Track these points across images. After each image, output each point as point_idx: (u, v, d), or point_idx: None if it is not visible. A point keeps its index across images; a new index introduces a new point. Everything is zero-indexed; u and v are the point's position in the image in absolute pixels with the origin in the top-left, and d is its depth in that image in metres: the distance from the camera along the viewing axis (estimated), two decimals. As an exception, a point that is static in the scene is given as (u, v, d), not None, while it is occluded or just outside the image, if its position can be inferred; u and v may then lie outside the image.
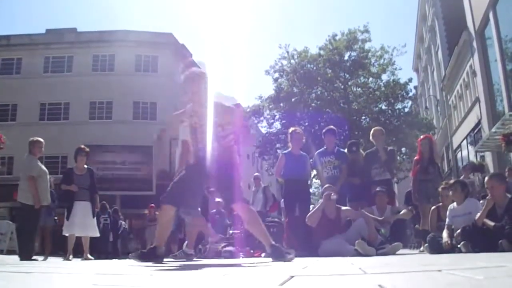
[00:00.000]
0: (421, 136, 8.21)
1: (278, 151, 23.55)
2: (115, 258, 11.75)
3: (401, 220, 7.15)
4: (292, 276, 1.79)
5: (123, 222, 14.39)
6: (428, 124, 23.88)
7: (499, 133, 12.39)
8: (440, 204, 6.25)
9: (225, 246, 6.97)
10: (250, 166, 41.87)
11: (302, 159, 7.28)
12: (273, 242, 4.09)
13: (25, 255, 6.81)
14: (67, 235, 7.58)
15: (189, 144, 4.02)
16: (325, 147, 7.62)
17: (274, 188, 18.40)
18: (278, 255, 3.92)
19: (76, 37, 28.90)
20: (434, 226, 6.14)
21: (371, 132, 7.73)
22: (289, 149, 7.41)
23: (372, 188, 7.08)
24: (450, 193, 5.86)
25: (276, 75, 25.70)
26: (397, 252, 5.79)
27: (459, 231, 5.23)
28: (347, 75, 25.13)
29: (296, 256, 5.15)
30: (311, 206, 7.31)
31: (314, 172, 9.53)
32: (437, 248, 5.44)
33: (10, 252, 10.50)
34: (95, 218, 7.84)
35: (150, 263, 3.56)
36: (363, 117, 24.99)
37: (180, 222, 8.18)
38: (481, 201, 5.90)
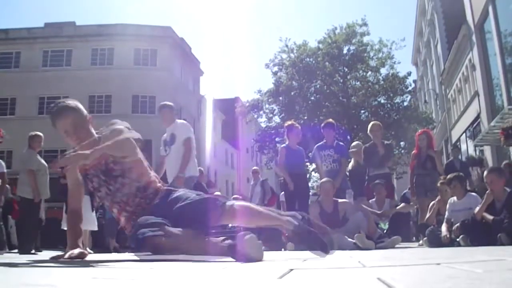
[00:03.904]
0: (419, 131, 8.23)
1: (278, 145, 23.58)
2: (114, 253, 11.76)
3: (400, 213, 7.18)
4: (292, 269, 1.79)
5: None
6: (427, 118, 23.89)
7: (498, 127, 12.39)
8: (439, 198, 6.26)
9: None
10: (249, 160, 41.96)
11: (300, 153, 7.30)
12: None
13: (25, 249, 6.83)
14: (66, 229, 7.60)
15: None
16: (324, 140, 7.62)
17: (273, 182, 18.44)
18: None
19: (75, 31, 28.83)
20: (433, 219, 6.16)
21: (369, 126, 7.72)
22: (287, 143, 7.39)
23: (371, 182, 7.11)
24: (448, 189, 5.88)
25: (276, 68, 25.68)
26: (396, 246, 5.80)
27: (458, 224, 5.26)
28: (346, 69, 25.11)
29: (295, 250, 5.18)
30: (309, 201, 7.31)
31: (313, 165, 9.54)
32: (436, 241, 5.46)
33: (9, 246, 10.49)
34: (94, 212, 7.84)
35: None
36: (362, 111, 25.00)
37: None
38: None
